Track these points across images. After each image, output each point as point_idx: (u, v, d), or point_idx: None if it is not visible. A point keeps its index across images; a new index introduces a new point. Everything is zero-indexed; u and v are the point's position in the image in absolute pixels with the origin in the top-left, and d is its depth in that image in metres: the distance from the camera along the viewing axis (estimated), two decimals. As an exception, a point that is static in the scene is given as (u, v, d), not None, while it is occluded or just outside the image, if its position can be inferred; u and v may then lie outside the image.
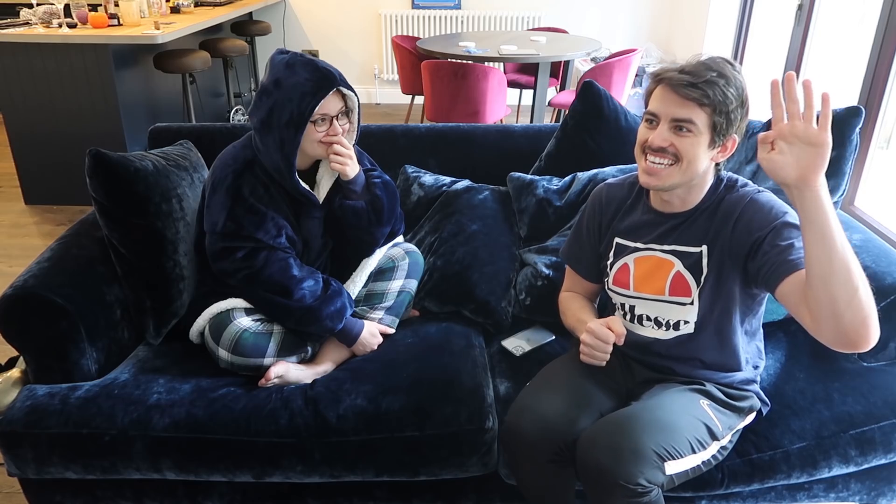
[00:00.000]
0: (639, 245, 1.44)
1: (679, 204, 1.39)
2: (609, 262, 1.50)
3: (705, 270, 1.36)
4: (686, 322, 1.40)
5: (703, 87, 1.24)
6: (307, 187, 1.61)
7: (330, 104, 1.52)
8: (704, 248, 1.36)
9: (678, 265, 1.39)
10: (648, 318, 1.44)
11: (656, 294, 1.42)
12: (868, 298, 1.12)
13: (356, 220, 1.68)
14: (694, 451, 1.27)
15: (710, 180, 1.38)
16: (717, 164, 1.35)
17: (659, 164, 1.30)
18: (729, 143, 1.31)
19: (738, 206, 1.34)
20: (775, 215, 1.29)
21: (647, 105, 1.34)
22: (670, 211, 1.41)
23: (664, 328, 1.43)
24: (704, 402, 1.36)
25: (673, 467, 1.23)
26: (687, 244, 1.39)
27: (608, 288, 1.51)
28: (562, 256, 1.64)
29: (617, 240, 1.49)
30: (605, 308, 1.63)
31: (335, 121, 1.54)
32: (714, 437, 1.33)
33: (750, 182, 1.40)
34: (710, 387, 1.40)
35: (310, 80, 1.49)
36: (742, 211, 1.32)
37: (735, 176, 1.41)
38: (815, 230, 1.09)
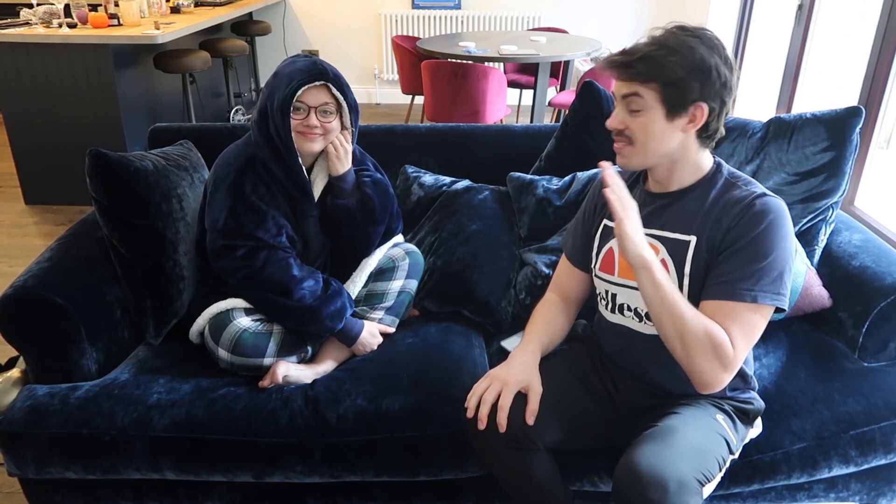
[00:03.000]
0: None
1: (667, 182, 1.36)
2: (596, 246, 1.47)
3: (688, 265, 1.30)
4: None
5: (635, 64, 1.23)
6: (306, 176, 1.62)
7: (311, 94, 1.54)
8: (694, 238, 1.30)
9: (663, 252, 1.34)
10: (629, 308, 1.40)
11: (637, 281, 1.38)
12: (689, 358, 1.22)
13: (348, 218, 1.69)
14: (720, 469, 1.27)
15: (699, 158, 1.32)
16: (702, 139, 1.29)
17: (621, 144, 1.31)
18: (696, 112, 1.24)
19: (737, 206, 1.27)
20: (756, 228, 1.24)
21: None
22: (659, 191, 1.38)
23: (645, 321, 1.37)
24: (720, 416, 1.34)
25: (707, 489, 1.22)
26: (674, 230, 1.33)
27: (595, 274, 1.47)
28: (561, 243, 1.62)
29: (605, 222, 1.46)
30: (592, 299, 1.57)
31: (313, 113, 1.55)
32: (731, 451, 1.32)
33: (754, 182, 1.33)
34: (715, 400, 1.38)
35: (302, 70, 1.54)
36: (738, 213, 1.26)
37: (738, 173, 1.35)
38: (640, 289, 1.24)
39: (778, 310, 1.27)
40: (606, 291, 1.44)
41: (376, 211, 1.70)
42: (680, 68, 1.21)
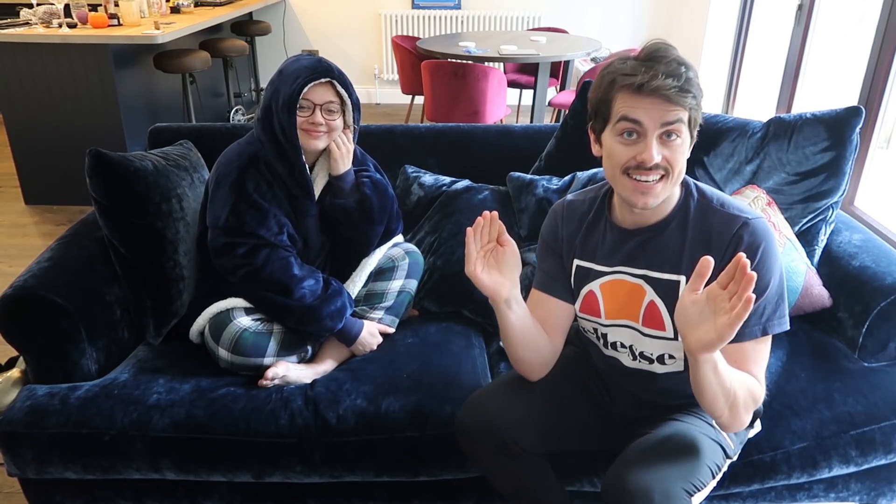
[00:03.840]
0: (604, 269, 1.30)
1: (650, 215, 1.24)
2: (573, 286, 1.35)
3: None
4: (672, 357, 1.29)
5: (688, 87, 1.11)
6: (309, 175, 1.63)
7: (316, 92, 1.55)
8: (683, 278, 1.22)
9: (650, 293, 1.25)
10: (623, 346, 1.33)
11: (630, 321, 1.29)
12: (733, 419, 1.16)
13: (346, 219, 1.69)
14: (713, 476, 1.24)
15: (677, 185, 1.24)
16: None
17: (651, 180, 1.15)
18: (696, 132, 1.19)
19: (723, 237, 1.19)
20: (752, 262, 1.15)
21: (601, 113, 1.18)
22: (637, 226, 1.26)
23: (639, 359, 1.32)
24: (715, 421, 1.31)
25: (698, 498, 1.20)
26: (660, 269, 1.24)
27: (577, 313, 1.36)
28: (537, 288, 1.39)
29: (577, 262, 1.33)
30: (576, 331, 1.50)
31: (318, 110, 1.55)
32: (727, 455, 1.30)
33: (724, 196, 1.26)
34: None
35: (307, 67, 1.54)
36: (728, 247, 1.19)
37: (704, 187, 1.27)
38: (694, 379, 1.12)
39: None
40: (595, 329, 1.36)
41: (374, 211, 1.70)
42: (700, 88, 1.16)
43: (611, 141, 1.18)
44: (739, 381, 1.14)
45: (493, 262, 1.21)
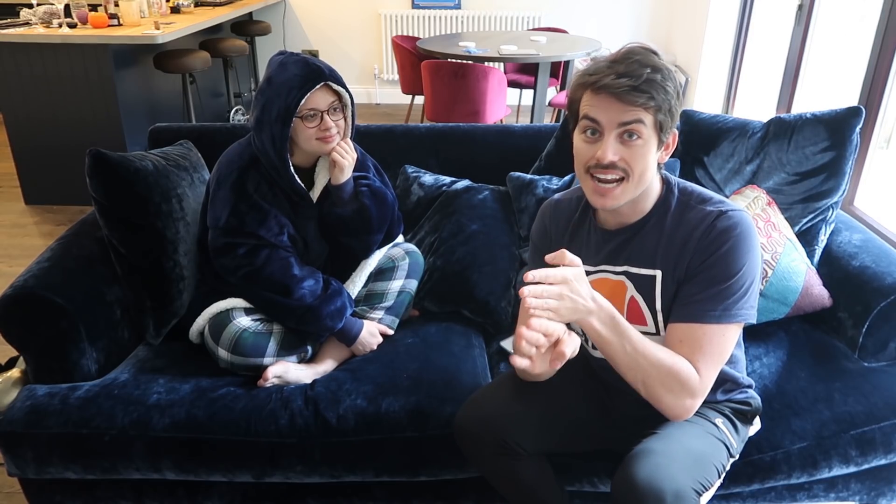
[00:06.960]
0: (589, 268, 1.31)
1: (629, 214, 1.27)
2: None
3: (658, 300, 1.25)
4: None
5: (645, 88, 1.12)
6: (302, 185, 1.62)
7: (318, 98, 1.52)
8: (659, 273, 1.25)
9: (631, 289, 1.28)
10: None
11: None
12: (653, 398, 1.19)
13: (344, 227, 1.68)
14: (719, 476, 1.25)
15: (657, 183, 1.27)
16: (660, 165, 1.25)
17: (609, 181, 1.18)
18: (671, 138, 1.21)
19: (698, 230, 1.21)
20: (720, 249, 1.19)
21: (573, 112, 1.22)
22: (618, 226, 1.29)
23: None
24: (719, 420, 1.32)
25: (705, 497, 1.21)
26: (638, 265, 1.27)
27: None
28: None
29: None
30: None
31: (326, 116, 1.54)
32: (731, 454, 1.31)
33: (706, 192, 1.28)
34: (713, 404, 1.36)
35: (298, 75, 1.51)
36: (700, 239, 1.21)
37: (688, 185, 1.29)
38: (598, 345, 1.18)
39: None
40: (583, 332, 1.36)
41: (373, 220, 1.69)
42: (672, 94, 1.16)
43: (577, 139, 1.22)
44: (653, 360, 1.17)
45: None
